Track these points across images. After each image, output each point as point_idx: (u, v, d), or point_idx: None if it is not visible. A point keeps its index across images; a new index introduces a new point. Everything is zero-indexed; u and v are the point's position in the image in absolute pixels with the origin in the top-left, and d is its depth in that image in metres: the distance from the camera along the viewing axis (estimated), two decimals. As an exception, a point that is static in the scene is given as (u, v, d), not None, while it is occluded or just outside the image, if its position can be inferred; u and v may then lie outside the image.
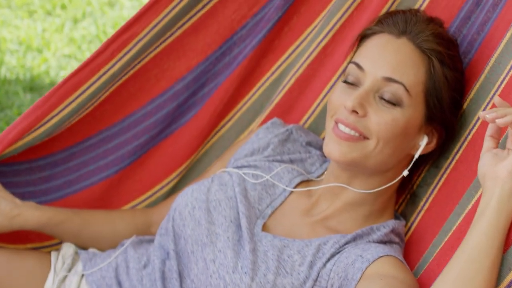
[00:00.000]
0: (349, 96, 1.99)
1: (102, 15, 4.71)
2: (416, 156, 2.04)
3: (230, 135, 2.43)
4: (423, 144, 2.04)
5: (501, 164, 1.73)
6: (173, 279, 2.06)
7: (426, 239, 2.01)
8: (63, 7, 4.70)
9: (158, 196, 2.44)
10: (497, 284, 1.67)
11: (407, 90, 1.97)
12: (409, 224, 2.12)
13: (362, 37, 2.10)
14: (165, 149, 2.43)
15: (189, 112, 2.42)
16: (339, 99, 2.02)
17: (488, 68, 1.98)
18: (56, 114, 2.22)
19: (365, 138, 1.99)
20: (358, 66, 2.01)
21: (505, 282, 1.67)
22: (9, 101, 3.96)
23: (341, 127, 1.99)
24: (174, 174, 2.44)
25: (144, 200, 2.44)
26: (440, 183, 2.06)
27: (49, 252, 2.27)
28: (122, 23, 4.48)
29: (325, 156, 2.24)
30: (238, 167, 2.20)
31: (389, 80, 1.97)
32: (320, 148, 2.26)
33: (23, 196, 2.32)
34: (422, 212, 2.09)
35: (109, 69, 2.26)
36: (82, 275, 2.19)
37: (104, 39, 4.53)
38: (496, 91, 1.94)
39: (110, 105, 2.36)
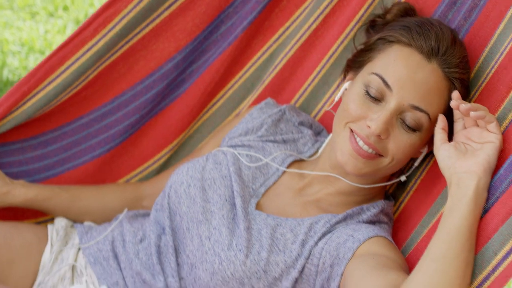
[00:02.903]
0: (371, 112, 1.99)
1: (104, 16, 4.66)
2: (416, 164, 2.11)
3: (221, 112, 2.47)
4: (424, 152, 2.09)
5: (474, 160, 1.81)
6: (168, 253, 2.11)
7: (415, 219, 2.07)
8: (66, 8, 4.61)
9: (150, 171, 2.48)
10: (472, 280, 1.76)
11: (430, 118, 1.99)
12: (398, 203, 2.17)
13: (379, 38, 2.07)
14: (156, 126, 2.47)
15: (178, 89, 2.45)
16: (358, 111, 2.01)
17: (482, 58, 2.02)
18: (43, 89, 2.25)
19: (380, 156, 2.02)
20: (386, 83, 1.99)
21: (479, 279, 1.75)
22: (12, 103, 3.93)
23: (360, 142, 2.00)
24: (165, 150, 2.47)
25: (136, 175, 2.48)
26: (429, 165, 2.12)
27: (46, 226, 2.32)
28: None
29: (316, 136, 2.29)
30: (232, 146, 2.24)
31: (416, 108, 1.98)
32: (310, 126, 2.30)
33: (17, 176, 2.36)
34: (411, 192, 2.14)
35: (93, 45, 2.28)
36: (79, 248, 2.23)
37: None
38: (484, 80, 1.99)
39: (99, 86, 2.38)
